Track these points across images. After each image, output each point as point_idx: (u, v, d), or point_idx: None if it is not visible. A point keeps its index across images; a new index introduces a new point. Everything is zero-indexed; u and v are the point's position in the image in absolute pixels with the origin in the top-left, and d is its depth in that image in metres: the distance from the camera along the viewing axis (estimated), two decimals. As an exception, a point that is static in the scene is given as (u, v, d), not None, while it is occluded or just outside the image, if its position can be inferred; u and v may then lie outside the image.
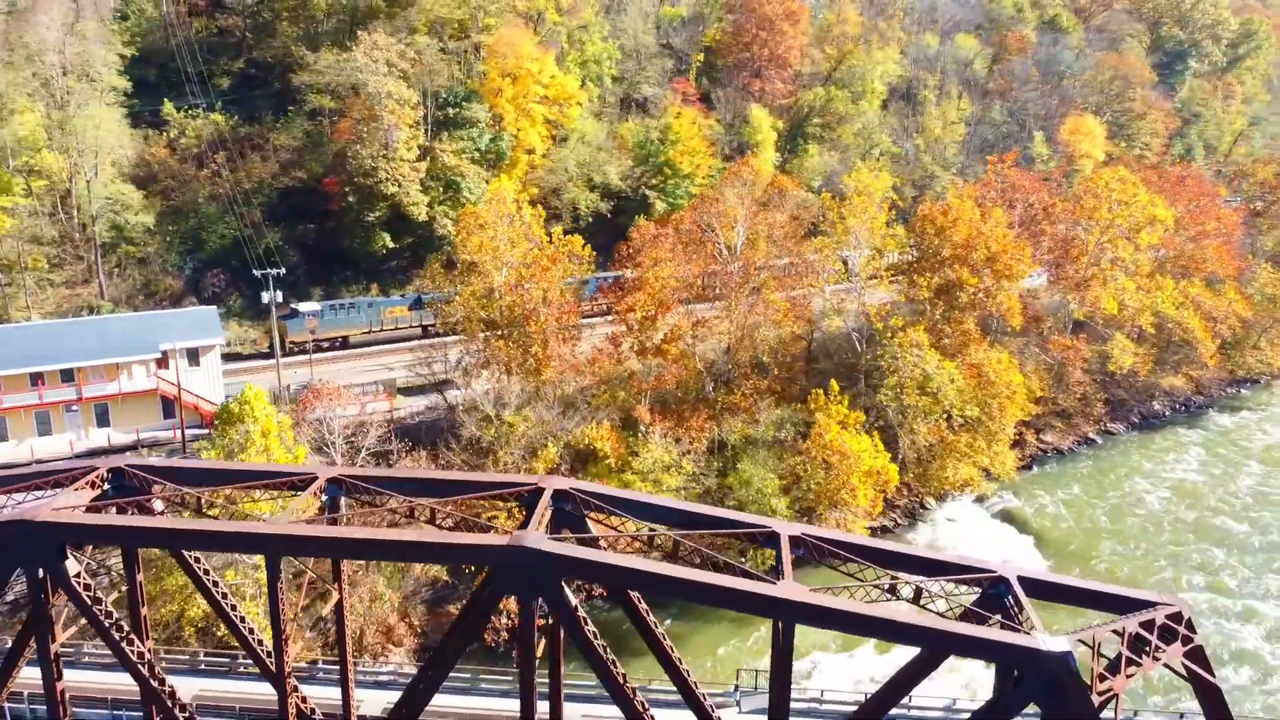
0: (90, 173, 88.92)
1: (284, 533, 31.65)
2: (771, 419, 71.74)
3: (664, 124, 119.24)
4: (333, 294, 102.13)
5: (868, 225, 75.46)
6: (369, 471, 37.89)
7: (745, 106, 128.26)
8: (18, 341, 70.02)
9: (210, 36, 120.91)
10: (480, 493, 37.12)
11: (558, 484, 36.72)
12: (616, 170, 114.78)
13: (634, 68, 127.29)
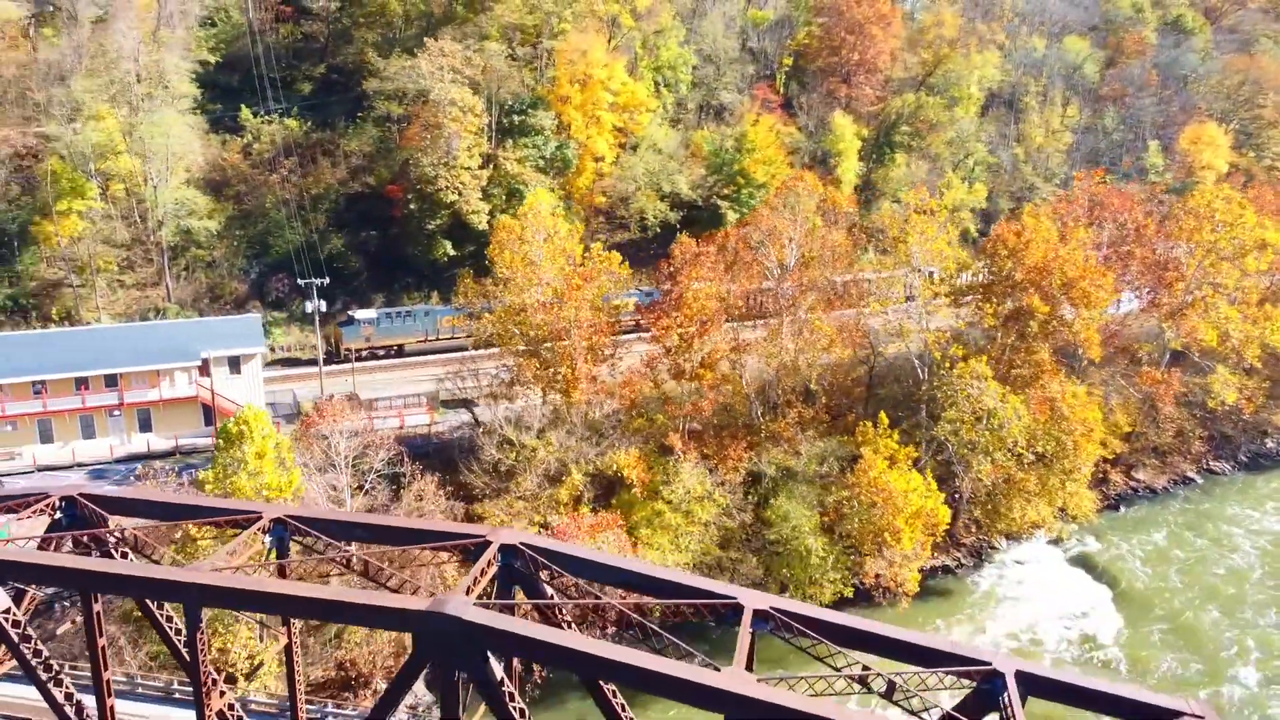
0: (159, 178, 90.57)
1: (194, 581, 29.84)
2: (814, 451, 67.44)
3: (739, 131, 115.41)
4: (394, 301, 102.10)
5: (927, 245, 70.24)
6: (315, 513, 35.95)
7: (828, 113, 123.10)
8: (65, 346, 71.51)
9: (295, 42, 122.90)
10: (426, 543, 34.70)
11: (506, 537, 33.96)
12: (687, 179, 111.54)
13: (713, 73, 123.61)
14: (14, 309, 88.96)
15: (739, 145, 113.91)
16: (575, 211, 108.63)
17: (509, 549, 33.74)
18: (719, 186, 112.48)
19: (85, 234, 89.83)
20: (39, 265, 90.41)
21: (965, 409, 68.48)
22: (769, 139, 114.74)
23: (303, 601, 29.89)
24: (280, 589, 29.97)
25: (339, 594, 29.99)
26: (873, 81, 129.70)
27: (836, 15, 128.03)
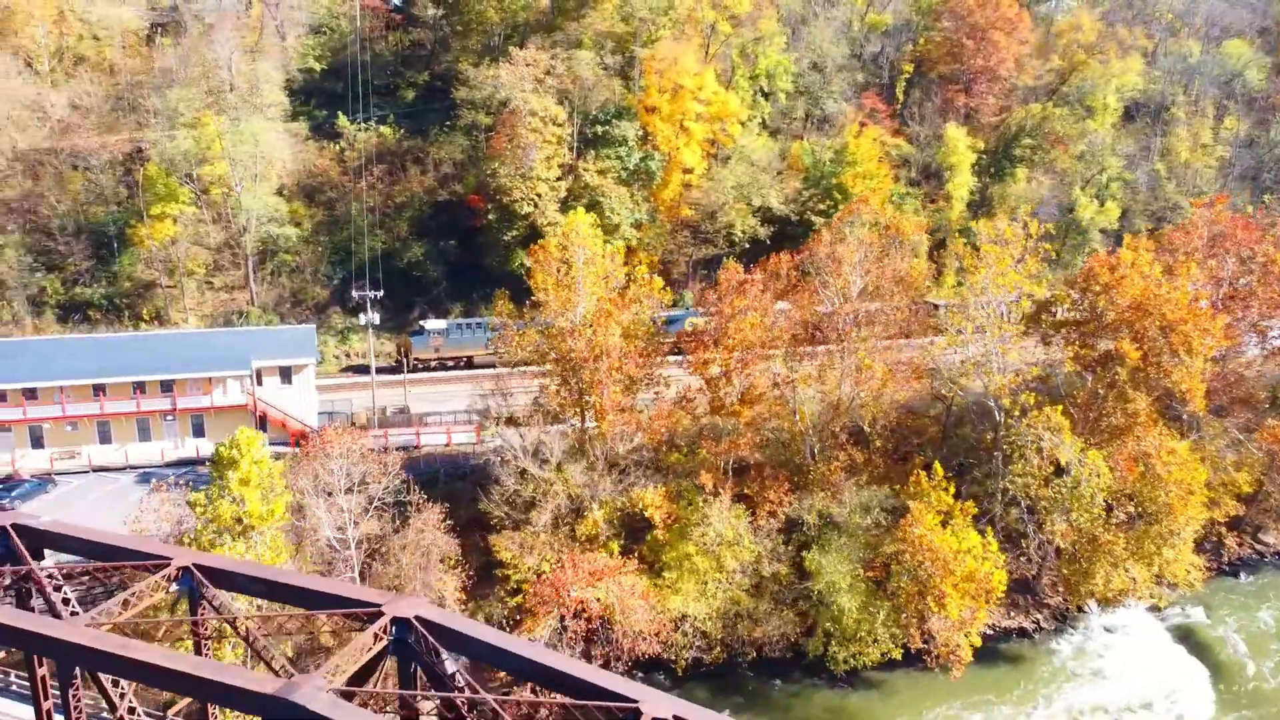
0: (247, 184, 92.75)
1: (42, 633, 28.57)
2: (858, 501, 62.04)
3: (840, 143, 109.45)
4: (471, 311, 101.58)
5: (1001, 279, 63.45)
6: (225, 564, 34.27)
7: (942, 124, 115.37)
8: (124, 351, 73.66)
9: (404, 50, 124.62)
10: (321, 607, 32.44)
11: (403, 609, 31.28)
12: (780, 193, 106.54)
13: (818, 81, 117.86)
14: (109, 308, 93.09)
15: (839, 158, 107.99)
16: (660, 225, 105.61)
17: (403, 623, 31.11)
18: (814, 201, 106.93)
19: (177, 237, 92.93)
20: (136, 266, 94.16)
21: (1035, 463, 61.63)
22: (872, 151, 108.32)
23: (157, 671, 28.07)
24: (136, 654, 28.23)
25: (195, 666, 27.96)
26: (995, 90, 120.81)
27: (958, 20, 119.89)
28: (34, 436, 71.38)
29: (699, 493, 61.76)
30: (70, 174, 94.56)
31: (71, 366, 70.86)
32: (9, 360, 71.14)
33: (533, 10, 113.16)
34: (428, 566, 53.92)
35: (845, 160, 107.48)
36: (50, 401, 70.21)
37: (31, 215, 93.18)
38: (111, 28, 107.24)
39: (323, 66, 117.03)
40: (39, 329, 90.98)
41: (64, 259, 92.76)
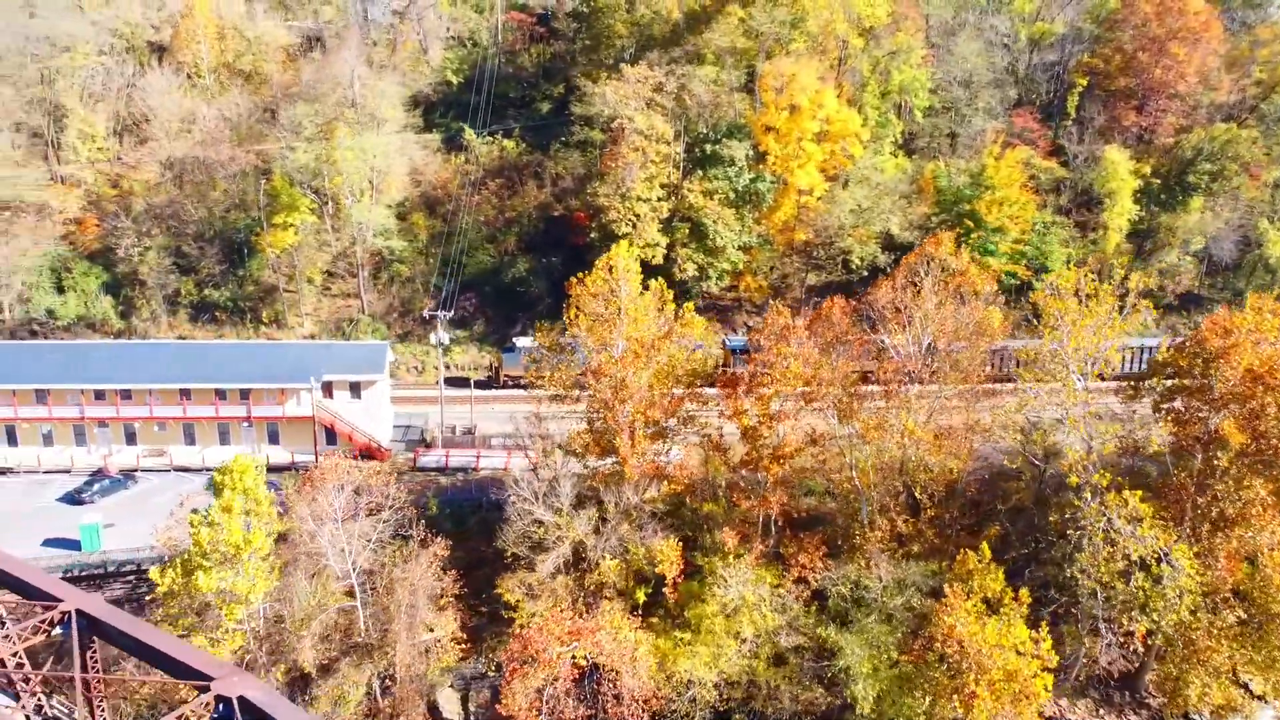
0: (357, 197, 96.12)
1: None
2: (892, 576, 56.20)
3: (978, 165, 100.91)
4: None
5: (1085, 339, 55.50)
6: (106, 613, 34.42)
7: (1103, 145, 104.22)
8: (208, 360, 77.70)
9: (545, 62, 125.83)
10: (167, 672, 31.94)
11: (232, 687, 30.15)
12: (903, 218, 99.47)
13: (964, 97, 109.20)
14: (234, 310, 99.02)
15: (975, 181, 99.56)
16: (772, 249, 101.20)
17: (228, 700, 30.10)
18: (942, 228, 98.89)
19: (298, 245, 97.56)
20: (263, 272, 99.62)
21: (1105, 553, 53.80)
22: (1014, 175, 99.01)
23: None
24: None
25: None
26: (1173, 108, 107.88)
27: (1134, 29, 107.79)
28: (128, 433, 76.65)
29: (718, 551, 57.94)
30: (209, 182, 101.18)
31: (162, 371, 75.51)
32: (108, 362, 76.68)
33: (661, 24, 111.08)
34: (414, 605, 53.26)
35: (982, 184, 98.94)
36: (141, 402, 75.11)
37: (173, 220, 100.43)
38: (267, 44, 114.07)
39: (459, 80, 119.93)
40: (173, 326, 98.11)
41: (197, 262, 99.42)
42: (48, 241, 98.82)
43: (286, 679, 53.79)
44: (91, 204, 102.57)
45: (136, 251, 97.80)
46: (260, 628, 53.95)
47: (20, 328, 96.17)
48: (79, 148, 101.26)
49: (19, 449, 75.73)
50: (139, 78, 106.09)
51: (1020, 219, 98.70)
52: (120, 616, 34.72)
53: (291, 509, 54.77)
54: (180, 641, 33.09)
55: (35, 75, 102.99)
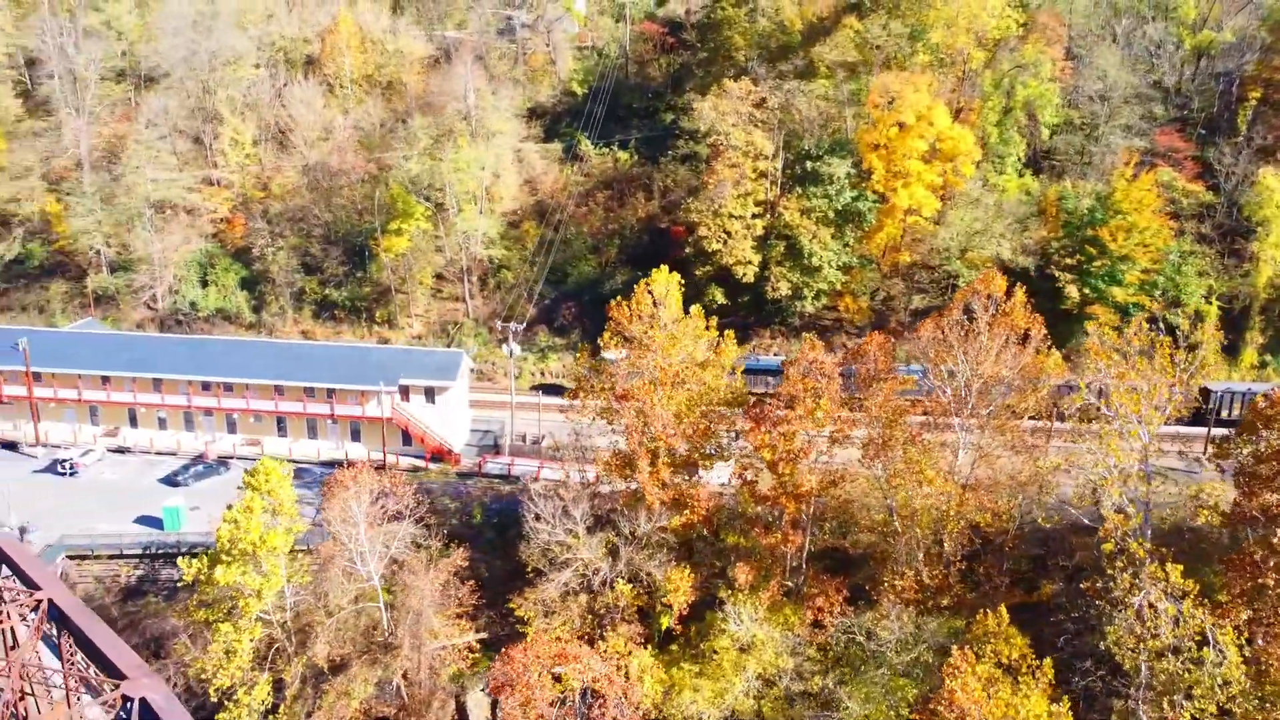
0: (464, 206, 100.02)
1: None
2: (904, 632, 53.42)
3: (1104, 188, 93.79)
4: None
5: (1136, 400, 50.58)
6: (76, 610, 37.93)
7: (1256, 168, 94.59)
8: (299, 359, 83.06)
9: (674, 73, 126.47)
10: (96, 665, 34.95)
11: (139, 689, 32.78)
12: (1013, 242, 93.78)
13: (1102, 113, 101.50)
14: (351, 309, 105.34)
15: (1102, 204, 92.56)
16: (878, 271, 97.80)
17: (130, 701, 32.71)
18: (1061, 254, 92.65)
19: (410, 251, 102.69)
20: (383, 274, 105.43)
21: (1137, 631, 49.30)
22: (1147, 199, 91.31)
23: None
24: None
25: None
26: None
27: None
28: (229, 423, 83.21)
29: (729, 586, 57.04)
30: (336, 188, 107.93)
31: (260, 367, 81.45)
32: (215, 357, 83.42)
33: (779, 36, 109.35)
34: (420, 613, 55.42)
35: (1110, 207, 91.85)
36: (240, 395, 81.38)
37: (303, 223, 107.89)
38: (405, 56, 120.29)
39: (584, 90, 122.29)
40: (297, 322, 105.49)
41: (322, 263, 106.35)
42: (198, 239, 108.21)
43: (306, 671, 57.16)
44: (239, 205, 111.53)
45: (270, 251, 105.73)
46: (288, 620, 57.58)
47: (169, 317, 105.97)
48: (229, 153, 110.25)
49: (137, 430, 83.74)
50: (286, 89, 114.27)
51: (1151, 247, 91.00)
52: (80, 610, 38.25)
53: (324, 511, 58.12)
54: (116, 640, 36.08)
55: (198, 86, 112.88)
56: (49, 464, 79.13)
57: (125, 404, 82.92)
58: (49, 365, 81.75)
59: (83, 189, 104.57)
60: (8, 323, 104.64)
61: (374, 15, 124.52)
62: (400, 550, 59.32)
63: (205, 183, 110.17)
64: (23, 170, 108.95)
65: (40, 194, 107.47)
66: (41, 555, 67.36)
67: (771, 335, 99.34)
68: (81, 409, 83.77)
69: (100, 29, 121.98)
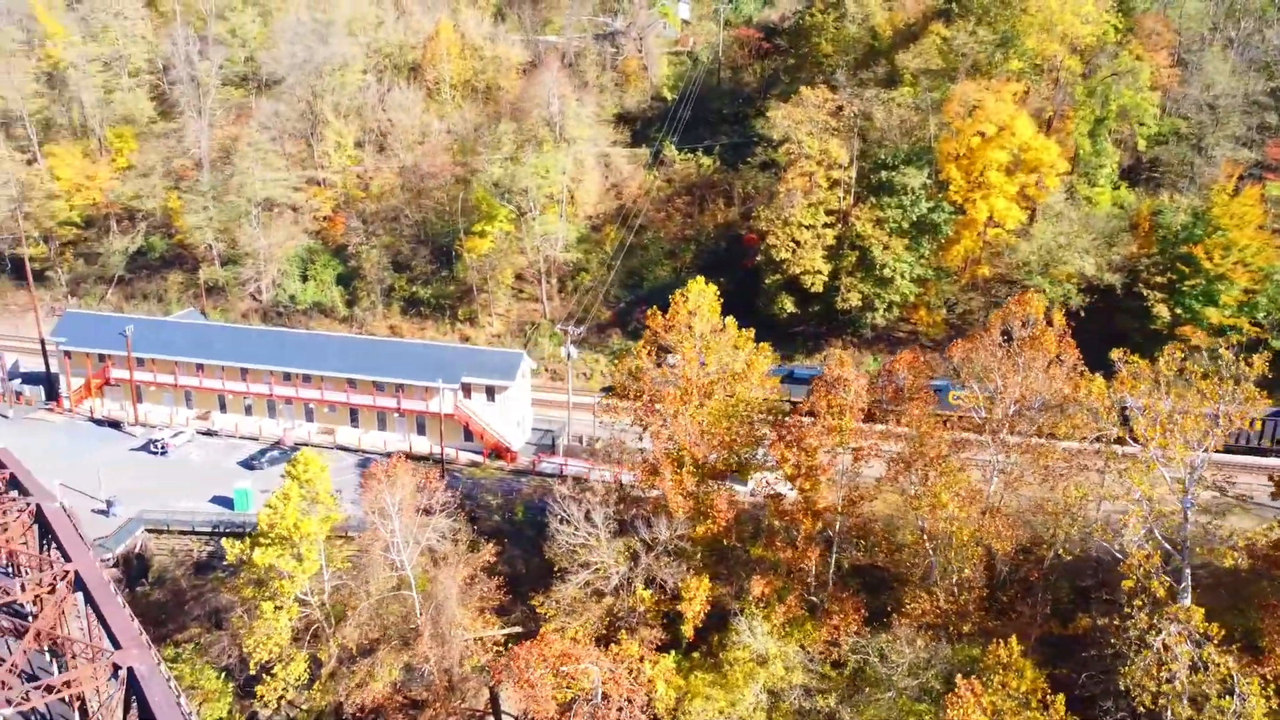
0: (540, 209, 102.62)
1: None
2: (910, 658, 52.44)
3: (1200, 203, 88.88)
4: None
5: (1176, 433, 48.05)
6: (97, 579, 41.66)
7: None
8: (369, 354, 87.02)
9: (768, 77, 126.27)
10: (106, 629, 38.37)
11: (128, 659, 36.02)
12: (1098, 258, 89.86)
13: (1209, 123, 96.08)
14: (436, 306, 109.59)
15: (1199, 219, 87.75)
16: (955, 283, 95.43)
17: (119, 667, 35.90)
18: (1151, 271, 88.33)
19: (492, 252, 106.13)
20: (466, 274, 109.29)
21: (1154, 673, 47.24)
22: (1250, 215, 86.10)
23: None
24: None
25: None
26: None
27: None
28: (307, 412, 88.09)
29: (743, 598, 57.28)
30: (427, 189, 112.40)
31: (336, 361, 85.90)
32: (297, 349, 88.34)
33: (867, 41, 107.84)
34: (441, 605, 57.86)
35: (1208, 223, 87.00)
36: (317, 386, 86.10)
37: (395, 223, 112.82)
38: (503, 62, 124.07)
39: (674, 95, 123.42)
40: (386, 317, 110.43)
41: (411, 261, 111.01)
42: (301, 235, 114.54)
43: (342, 652, 60.41)
44: (341, 205, 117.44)
45: (364, 249, 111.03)
46: (327, 603, 61.02)
47: (271, 309, 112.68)
48: (333, 156, 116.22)
49: (225, 415, 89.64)
50: (387, 94, 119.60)
51: (1252, 266, 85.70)
52: (99, 583, 41.98)
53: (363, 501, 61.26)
54: (121, 613, 39.53)
55: (308, 91, 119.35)
56: (144, 443, 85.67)
57: (215, 390, 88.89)
58: (150, 352, 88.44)
59: (199, 187, 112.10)
60: (131, 309, 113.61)
61: (476, 22, 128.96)
62: (434, 542, 61.96)
63: (310, 183, 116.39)
64: (148, 169, 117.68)
65: (161, 191, 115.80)
66: (124, 528, 73.44)
67: (844, 346, 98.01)
68: (178, 393, 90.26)
69: (226, 37, 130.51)
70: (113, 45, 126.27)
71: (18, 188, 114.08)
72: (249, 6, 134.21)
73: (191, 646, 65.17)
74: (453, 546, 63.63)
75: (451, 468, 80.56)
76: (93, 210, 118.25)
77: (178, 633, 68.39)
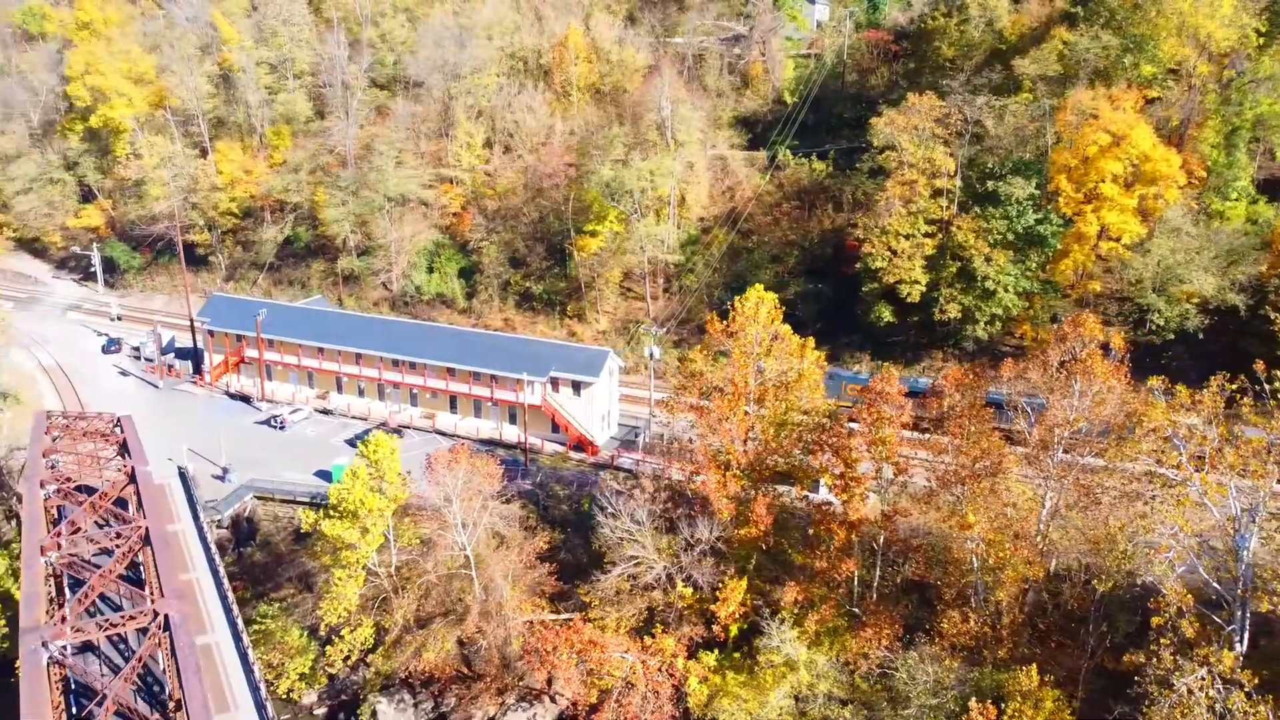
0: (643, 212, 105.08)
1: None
2: (930, 678, 51.78)
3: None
4: (837, 356, 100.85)
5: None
6: (160, 536, 47.11)
7: None
8: (473, 344, 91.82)
9: (895, 80, 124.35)
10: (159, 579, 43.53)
11: (165, 607, 40.93)
12: (1219, 278, 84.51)
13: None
14: (547, 302, 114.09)
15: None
16: (1064, 298, 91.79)
17: (156, 614, 40.83)
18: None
19: (602, 251, 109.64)
20: (579, 271, 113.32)
21: (1179, 715, 45.31)
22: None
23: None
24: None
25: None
26: None
27: None
28: (412, 396, 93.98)
29: (773, 603, 58.04)
30: (545, 189, 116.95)
31: (438, 350, 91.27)
32: (404, 338, 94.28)
33: (990, 44, 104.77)
34: (489, 587, 61.36)
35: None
36: (420, 373, 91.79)
37: (513, 220, 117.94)
38: (628, 65, 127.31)
39: (794, 99, 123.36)
40: (501, 310, 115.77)
41: (526, 258, 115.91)
42: (429, 230, 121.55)
43: (406, 622, 64.97)
44: (469, 202, 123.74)
45: (485, 245, 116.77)
46: (394, 575, 65.76)
47: (399, 298, 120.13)
48: (462, 155, 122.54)
49: (341, 396, 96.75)
50: (516, 96, 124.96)
51: (1397, 291, 78.95)
52: (161, 540, 47.43)
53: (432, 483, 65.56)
54: (172, 568, 44.69)
55: (444, 93, 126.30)
56: (266, 418, 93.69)
57: (333, 372, 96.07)
58: (278, 334, 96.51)
59: (339, 182, 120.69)
60: (278, 294, 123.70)
61: (608, 25, 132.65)
62: (501, 527, 65.73)
63: (440, 180, 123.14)
64: (298, 164, 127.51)
65: (308, 185, 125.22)
66: (234, 493, 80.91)
67: (944, 358, 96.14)
68: (301, 373, 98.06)
69: (377, 41, 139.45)
70: (280, 50, 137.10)
71: (187, 180, 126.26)
72: (399, 13, 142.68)
73: (278, 605, 71.23)
74: (515, 532, 67.23)
75: (535, 457, 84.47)
76: (250, 201, 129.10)
77: (273, 592, 74.93)
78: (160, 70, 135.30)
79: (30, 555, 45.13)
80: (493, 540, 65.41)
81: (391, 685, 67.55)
